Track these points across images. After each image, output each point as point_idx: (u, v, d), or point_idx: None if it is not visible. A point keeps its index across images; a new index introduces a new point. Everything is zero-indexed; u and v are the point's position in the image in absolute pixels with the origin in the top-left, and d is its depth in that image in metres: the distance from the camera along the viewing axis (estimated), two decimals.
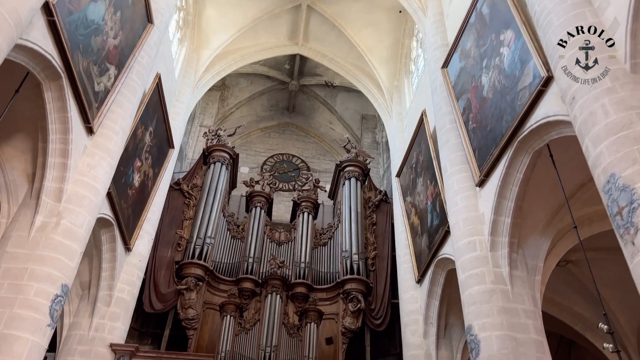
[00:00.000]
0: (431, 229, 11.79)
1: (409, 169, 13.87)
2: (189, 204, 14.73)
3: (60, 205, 8.25)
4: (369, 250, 14.51)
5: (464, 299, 8.81)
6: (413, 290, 12.73)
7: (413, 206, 13.27)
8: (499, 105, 8.91)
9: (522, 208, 8.79)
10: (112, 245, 11.19)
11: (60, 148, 8.25)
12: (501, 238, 8.82)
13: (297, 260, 14.22)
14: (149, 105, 11.79)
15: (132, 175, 11.53)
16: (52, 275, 7.62)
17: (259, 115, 21.13)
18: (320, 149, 21.01)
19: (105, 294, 11.33)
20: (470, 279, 8.75)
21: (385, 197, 15.76)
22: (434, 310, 11.84)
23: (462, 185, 9.82)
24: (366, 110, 20.72)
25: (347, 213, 14.86)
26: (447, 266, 11.22)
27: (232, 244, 14.63)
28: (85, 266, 11.55)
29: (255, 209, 15.21)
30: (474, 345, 8.15)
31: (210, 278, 13.51)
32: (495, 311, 8.20)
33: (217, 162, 15.38)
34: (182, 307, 12.67)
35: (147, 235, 12.83)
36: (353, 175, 15.73)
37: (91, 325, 11.04)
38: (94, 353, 10.73)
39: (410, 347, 11.98)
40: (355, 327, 12.93)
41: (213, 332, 12.57)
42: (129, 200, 11.52)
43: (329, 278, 14.15)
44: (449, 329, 12.18)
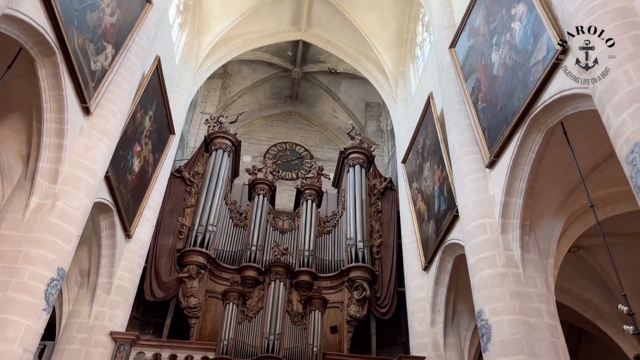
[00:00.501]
0: (438, 215, 11.48)
1: (415, 155, 13.55)
2: (190, 191, 14.45)
3: (55, 187, 7.98)
4: (374, 238, 14.21)
5: (473, 283, 8.51)
6: (420, 277, 12.44)
7: (419, 192, 12.96)
8: (510, 83, 8.57)
9: (534, 189, 8.47)
10: (112, 231, 10.93)
11: (56, 128, 7.97)
12: (512, 220, 8.50)
13: (300, 249, 13.94)
14: (149, 89, 11.51)
15: (132, 160, 11.25)
16: (47, 258, 7.36)
17: (262, 104, 20.81)
18: (324, 137, 20.69)
19: (105, 281, 11.09)
20: (480, 263, 8.45)
21: (390, 185, 15.44)
22: (442, 297, 11.56)
23: (472, 167, 9.50)
24: (370, 98, 20.38)
25: (352, 200, 14.55)
26: (455, 252, 10.92)
27: (234, 232, 14.35)
28: (84, 253, 11.31)
29: (258, 196, 14.92)
30: (485, 330, 7.86)
31: (213, 266, 13.24)
32: (507, 295, 7.90)
33: (219, 149, 15.09)
34: (183, 296, 12.41)
35: (148, 222, 12.57)
36: (357, 162, 15.41)
37: (91, 313, 10.80)
38: (94, 341, 10.49)
39: (417, 335, 11.70)
40: (361, 315, 12.65)
41: (215, 321, 12.31)
42: (128, 186, 11.26)
43: (333, 266, 13.87)
44: (457, 317, 11.90)
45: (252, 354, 10.80)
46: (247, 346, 11.00)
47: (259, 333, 11.09)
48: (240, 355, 10.89)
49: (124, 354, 10.55)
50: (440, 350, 11.30)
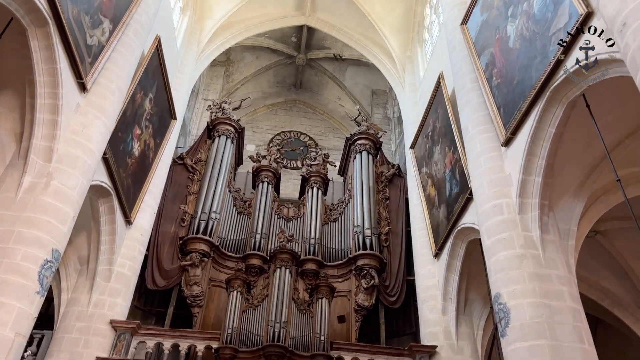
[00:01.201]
0: (450, 199, 11.05)
1: (424, 139, 13.11)
2: (193, 178, 14.07)
3: (50, 166, 7.59)
4: (382, 226, 13.79)
5: (490, 266, 8.08)
6: (430, 265, 12.02)
7: (429, 177, 12.53)
8: (527, 55, 8.13)
9: (553, 167, 8.03)
10: (111, 217, 10.55)
11: (50, 104, 7.57)
12: (531, 200, 8.07)
13: (306, 237, 13.54)
14: (149, 69, 11.12)
15: (132, 144, 10.87)
16: (41, 239, 6.98)
17: (265, 92, 20.38)
18: (329, 125, 20.25)
19: (104, 268, 10.72)
20: (497, 244, 8.02)
21: (398, 171, 15.00)
22: (454, 284, 11.14)
23: (486, 146, 9.06)
24: (376, 85, 19.93)
25: (359, 187, 14.13)
26: (468, 237, 10.50)
27: (238, 220, 13.96)
28: (83, 239, 10.96)
29: (262, 184, 14.52)
30: (503, 314, 7.43)
31: (216, 254, 12.86)
32: (527, 277, 7.47)
33: (222, 135, 14.69)
34: (186, 284, 12.04)
35: (149, 209, 12.19)
36: (364, 148, 14.98)
37: (90, 301, 10.44)
38: (94, 330, 10.13)
39: (428, 324, 11.29)
40: (369, 304, 12.25)
41: (219, 311, 11.94)
42: (128, 170, 10.87)
43: (340, 254, 13.47)
44: (469, 305, 11.49)
45: (257, 343, 10.42)
46: (252, 335, 10.61)
47: (264, 321, 10.69)
48: (245, 345, 10.51)
49: (124, 343, 10.18)
50: (453, 340, 10.89)
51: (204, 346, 10.51)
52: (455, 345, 10.83)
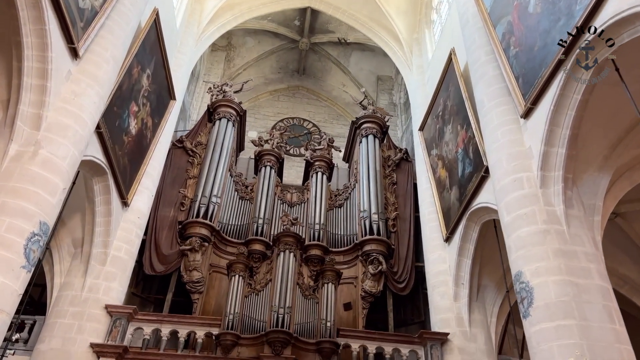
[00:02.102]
0: (462, 179, 10.52)
1: (434, 120, 12.58)
2: (192, 162, 13.54)
3: (38, 134, 7.07)
4: (389, 211, 13.25)
5: (510, 244, 7.56)
6: (440, 250, 11.49)
7: (440, 159, 11.99)
8: (549, 18, 7.61)
9: (577, 138, 7.50)
10: (107, 197, 10.03)
11: (38, 68, 7.05)
12: (553, 173, 7.55)
13: (310, 222, 13.02)
14: (146, 44, 10.59)
15: (128, 120, 10.34)
16: (27, 210, 6.46)
17: (268, 78, 19.84)
18: (333, 112, 19.71)
19: (99, 251, 10.20)
20: (517, 220, 7.50)
21: (406, 155, 14.47)
22: (466, 269, 10.61)
23: (504, 119, 8.55)
24: (382, 71, 19.40)
25: (365, 172, 13.60)
26: (482, 218, 9.98)
27: (240, 205, 13.44)
28: (77, 222, 10.46)
29: (264, 168, 13.98)
30: (526, 293, 6.91)
31: (217, 239, 12.34)
32: (551, 254, 6.96)
33: (223, 118, 14.16)
34: (185, 270, 11.52)
35: (147, 191, 11.67)
36: (371, 132, 14.45)
37: (84, 285, 9.93)
38: (88, 315, 9.61)
39: (439, 310, 10.76)
40: (377, 291, 11.72)
41: (220, 297, 11.42)
42: (124, 148, 10.35)
43: (345, 241, 12.94)
44: (482, 292, 10.97)
45: (260, 329, 9.90)
46: (254, 321, 10.09)
47: (267, 307, 10.17)
48: (247, 331, 10.00)
49: (120, 329, 9.67)
50: (465, 327, 10.37)
51: (204, 333, 9.99)
52: (468, 333, 10.31)
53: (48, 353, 9.09)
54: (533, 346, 6.63)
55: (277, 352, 9.46)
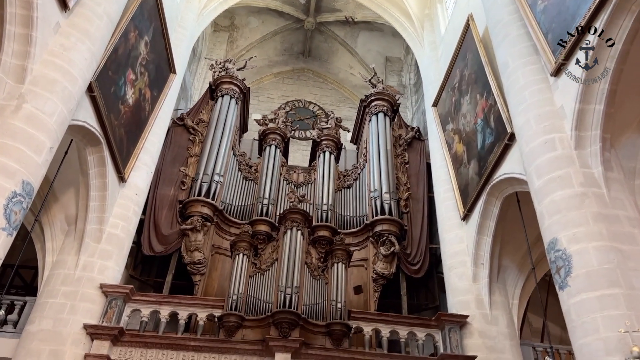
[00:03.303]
0: (482, 151, 9.83)
1: (449, 93, 11.88)
2: (194, 140, 12.87)
3: (22, 87, 6.45)
4: (401, 191, 12.55)
5: (542, 210, 6.86)
6: (457, 229, 10.80)
7: (456, 133, 11.30)
8: None
9: (616, 94, 6.79)
10: (102, 169, 9.37)
11: (22, 14, 6.41)
12: (590, 132, 6.86)
13: (318, 203, 12.33)
14: (144, 7, 9.94)
15: (125, 88, 9.67)
16: (8, 167, 5.83)
17: (272, 60, 19.14)
18: (340, 95, 19.00)
19: (94, 228, 9.55)
20: (550, 184, 6.82)
21: (418, 134, 13.76)
22: (486, 248, 9.92)
23: (532, 79, 7.88)
24: (391, 52, 18.69)
25: (375, 151, 12.90)
26: (504, 192, 9.29)
27: (243, 186, 12.77)
28: (71, 197, 9.81)
29: (269, 147, 13.30)
30: (563, 262, 6.22)
31: (220, 219, 11.67)
32: (590, 218, 6.27)
33: (226, 95, 13.47)
34: (186, 250, 10.85)
35: (146, 167, 11.01)
36: (381, 110, 13.74)
37: (78, 263, 9.27)
38: (81, 295, 8.96)
39: (457, 292, 10.07)
40: (389, 273, 11.03)
41: (223, 280, 10.75)
42: (121, 118, 9.69)
43: (355, 222, 12.26)
44: (502, 273, 10.28)
45: (266, 311, 9.22)
46: (259, 302, 9.41)
47: (273, 287, 9.48)
48: (252, 312, 9.32)
49: (115, 310, 9.01)
50: (485, 309, 9.68)
51: (205, 315, 9.32)
52: (488, 315, 9.62)
53: (38, 334, 8.44)
54: (573, 319, 5.94)
55: (285, 334, 8.77)
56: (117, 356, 8.76)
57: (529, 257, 8.67)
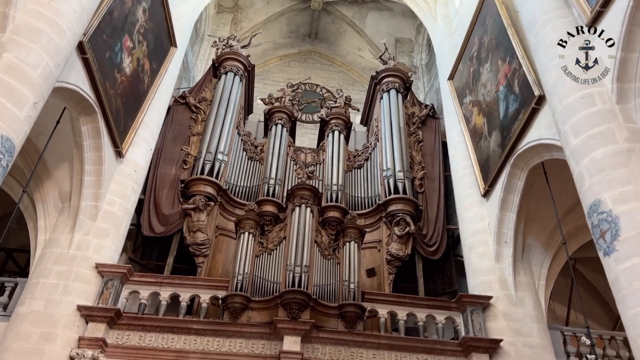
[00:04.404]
0: (505, 120, 9.13)
1: (466, 64, 11.18)
2: (196, 118, 12.22)
3: (3, 36, 5.82)
4: (415, 171, 11.85)
5: (581, 170, 6.16)
6: (477, 206, 10.11)
7: (475, 105, 10.60)
8: None
9: None
10: (97, 142, 8.77)
11: None
12: (634, 84, 6.18)
13: (327, 184, 11.66)
14: None
15: (121, 55, 9.06)
16: None
17: (277, 43, 18.50)
18: (348, 78, 18.32)
19: (89, 204, 8.93)
20: (590, 141, 6.12)
21: (432, 112, 13.06)
22: (510, 225, 9.22)
23: (564, 31, 7.11)
24: (401, 33, 17.99)
25: (387, 129, 12.21)
26: (531, 161, 8.59)
27: (249, 166, 12.12)
28: (65, 172, 9.21)
29: (275, 127, 12.64)
30: (608, 224, 5.53)
31: (224, 199, 11.03)
32: (639, 175, 5.54)
33: (230, 72, 12.82)
34: (189, 231, 10.21)
35: (145, 143, 10.40)
36: (393, 86, 13.04)
37: (72, 242, 8.66)
38: (75, 275, 8.34)
39: (478, 273, 9.38)
40: (404, 254, 10.33)
41: (228, 263, 10.09)
42: (117, 88, 9.08)
43: (366, 203, 11.57)
44: (527, 252, 9.58)
45: (274, 291, 8.55)
46: (266, 282, 8.74)
47: (281, 267, 8.81)
48: (258, 293, 8.65)
49: (112, 291, 8.38)
50: (510, 290, 8.97)
51: (209, 296, 8.68)
52: (513, 297, 8.91)
53: (28, 316, 7.84)
54: (622, 287, 5.24)
55: (294, 316, 8.10)
56: (114, 340, 8.13)
57: (559, 229, 7.98)
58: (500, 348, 8.33)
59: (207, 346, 8.19)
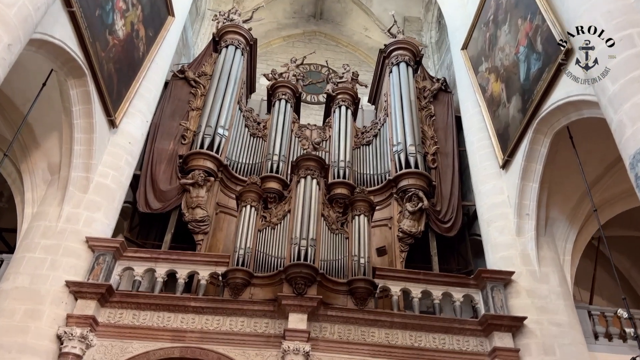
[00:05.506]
0: (526, 83, 8.46)
1: (482, 30, 10.52)
2: (195, 93, 11.62)
3: None
4: (427, 146, 11.20)
5: (620, 118, 5.50)
6: (495, 179, 9.45)
7: (492, 72, 9.93)
8: None
9: None
10: (87, 107, 8.18)
11: None
12: None
13: (334, 160, 11.03)
14: None
15: (113, 16, 8.45)
16: None
17: (281, 23, 17.87)
18: (355, 59, 17.65)
19: (79, 175, 8.35)
20: (632, 85, 5.49)
21: (444, 85, 12.38)
22: (532, 196, 8.56)
23: None
24: (409, 12, 17.31)
25: (398, 103, 11.56)
26: (555, 125, 7.92)
27: (251, 143, 11.51)
28: (54, 143, 8.62)
29: (279, 102, 12.03)
30: None
31: (225, 175, 10.43)
32: None
33: (231, 45, 12.20)
34: (187, 207, 9.61)
35: (140, 115, 9.81)
36: (403, 59, 12.38)
37: (61, 214, 8.08)
38: (64, 249, 7.75)
39: (498, 248, 8.71)
40: (417, 231, 9.68)
41: (229, 241, 9.47)
42: (109, 51, 8.49)
43: (376, 180, 10.95)
44: (550, 226, 8.92)
45: (278, 266, 7.92)
46: (270, 257, 8.12)
47: (285, 242, 8.17)
48: (261, 269, 8.03)
49: (104, 266, 7.78)
50: (533, 265, 8.31)
51: (208, 273, 8.07)
52: (537, 272, 8.24)
53: (12, 292, 7.27)
54: None
55: (300, 292, 7.47)
56: (105, 318, 7.54)
57: (589, 195, 7.30)
58: (524, 326, 7.66)
59: (206, 325, 7.57)
